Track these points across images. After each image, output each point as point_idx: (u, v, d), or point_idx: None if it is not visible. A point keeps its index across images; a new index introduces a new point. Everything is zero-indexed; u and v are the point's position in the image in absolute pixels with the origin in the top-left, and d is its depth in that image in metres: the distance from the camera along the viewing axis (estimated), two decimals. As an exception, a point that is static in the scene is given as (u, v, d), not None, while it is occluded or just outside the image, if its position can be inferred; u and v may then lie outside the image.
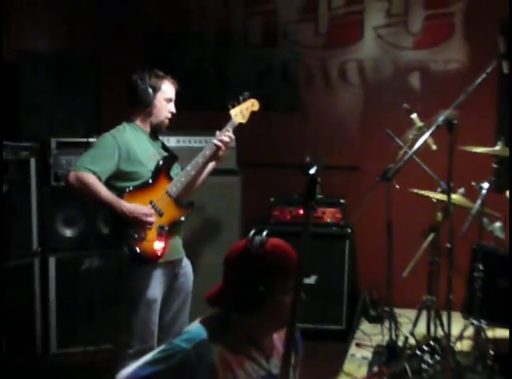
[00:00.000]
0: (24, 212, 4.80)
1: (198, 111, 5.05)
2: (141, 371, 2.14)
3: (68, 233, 4.94)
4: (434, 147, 4.55)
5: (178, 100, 3.93)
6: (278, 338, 2.35)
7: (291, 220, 5.68)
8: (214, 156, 3.94)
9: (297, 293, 1.76)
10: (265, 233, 2.20)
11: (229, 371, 2.16)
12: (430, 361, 2.46)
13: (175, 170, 3.91)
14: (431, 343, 2.49)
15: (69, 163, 4.62)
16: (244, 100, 4.00)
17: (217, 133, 3.94)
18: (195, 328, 2.21)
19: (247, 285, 2.14)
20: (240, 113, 3.98)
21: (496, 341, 4.61)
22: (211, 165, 4.02)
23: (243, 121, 3.99)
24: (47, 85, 5.17)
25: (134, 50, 6.35)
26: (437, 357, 2.47)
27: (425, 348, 2.47)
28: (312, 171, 1.70)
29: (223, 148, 3.90)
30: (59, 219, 4.91)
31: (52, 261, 4.91)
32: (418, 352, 2.47)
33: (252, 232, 2.22)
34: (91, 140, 4.19)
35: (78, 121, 5.24)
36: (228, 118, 3.98)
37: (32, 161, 4.80)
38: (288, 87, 6.47)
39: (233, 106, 3.97)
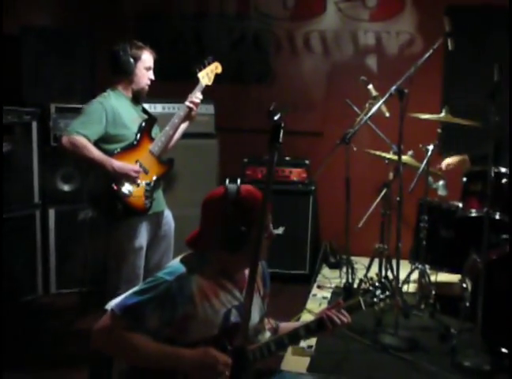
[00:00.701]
0: (27, 169, 4.82)
1: (181, 81, 5.05)
2: (128, 300, 2.19)
3: (65, 188, 4.96)
4: (387, 114, 4.64)
5: (163, 71, 3.95)
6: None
7: (262, 178, 5.72)
8: (188, 117, 3.97)
9: (261, 228, 1.80)
10: (238, 181, 2.28)
11: (206, 300, 2.24)
12: (381, 296, 2.54)
13: (155, 130, 3.93)
14: (383, 280, 2.57)
15: (67, 125, 4.63)
16: (209, 64, 3.99)
17: (189, 96, 3.95)
18: (176, 264, 2.28)
19: (228, 227, 2.22)
20: (206, 75, 3.97)
21: (438, 284, 4.75)
22: (185, 125, 4.04)
23: (209, 83, 3.98)
24: (47, 57, 5.21)
25: (123, 25, 6.33)
26: (387, 292, 2.55)
27: (377, 285, 2.55)
28: (276, 117, 1.73)
29: (194, 108, 3.93)
30: (58, 176, 4.93)
31: (52, 213, 4.94)
32: (371, 288, 2.55)
33: (227, 181, 2.30)
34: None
35: (75, 89, 5.28)
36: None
37: (34, 124, 4.82)
38: (259, 55, 6.44)
39: (200, 70, 3.96)
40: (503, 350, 3.87)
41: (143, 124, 3.81)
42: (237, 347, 1.59)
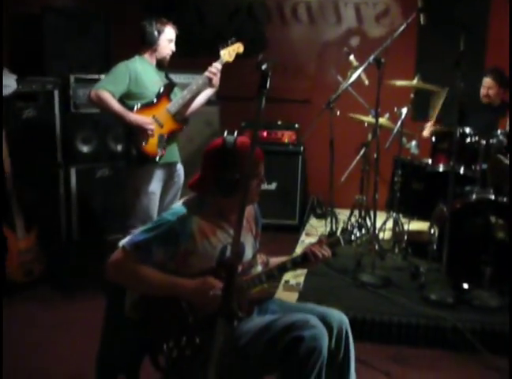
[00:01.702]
0: (50, 133, 4.81)
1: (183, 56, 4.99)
2: (137, 237, 2.23)
3: (85, 149, 4.93)
4: (366, 82, 4.61)
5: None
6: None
7: (259, 141, 5.74)
8: (210, 84, 3.99)
9: (249, 171, 1.82)
10: (235, 133, 2.29)
11: (205, 237, 2.28)
12: (358, 234, 2.56)
13: (175, 94, 4.03)
14: (359, 222, 2.60)
15: (85, 94, 4.60)
16: (232, 43, 3.97)
17: (208, 67, 3.96)
18: (179, 206, 2.32)
19: (223, 173, 2.24)
20: (228, 53, 3.96)
21: (410, 231, 4.78)
22: (209, 90, 4.08)
23: (230, 59, 3.97)
24: (67, 34, 5.17)
25: (136, 5, 6.26)
26: (363, 231, 2.57)
27: (354, 225, 2.58)
28: (264, 67, 1.72)
29: (213, 77, 3.94)
30: (78, 139, 4.88)
31: (73, 171, 4.90)
32: (349, 227, 2.58)
33: (225, 133, 2.31)
34: (102, 76, 4.20)
35: (92, 62, 5.25)
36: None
37: (56, 92, 4.77)
38: (254, 25, 6.37)
39: (223, 48, 3.96)
40: (465, 286, 3.93)
41: (163, 86, 3.97)
42: (226, 262, 1.61)
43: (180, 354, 2.22)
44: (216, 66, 3.95)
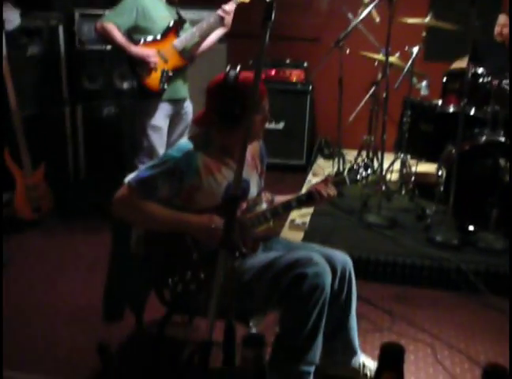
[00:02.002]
0: (56, 70, 4.76)
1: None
2: (142, 174, 2.23)
3: (91, 86, 4.91)
4: (377, 19, 4.53)
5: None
6: (248, 151, 2.42)
7: (266, 79, 5.68)
8: (221, 23, 3.95)
9: (252, 106, 1.80)
10: (238, 68, 2.25)
11: (210, 174, 2.27)
12: (364, 174, 2.56)
13: (187, 31, 3.99)
14: (366, 161, 2.58)
15: (90, 30, 4.54)
16: None
17: (222, 6, 3.92)
18: (184, 143, 2.31)
19: (227, 107, 2.22)
20: None
21: (417, 173, 4.77)
22: (220, 30, 4.04)
23: (246, 0, 3.88)
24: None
25: None
26: (369, 171, 2.56)
27: (360, 164, 2.56)
28: None
29: (225, 16, 3.90)
30: (83, 76, 4.86)
31: (79, 108, 4.90)
32: (355, 166, 2.57)
33: (228, 67, 2.27)
34: (107, 11, 4.12)
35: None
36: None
37: (60, 28, 4.70)
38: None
39: None
40: (470, 228, 3.94)
41: (172, 22, 3.94)
42: (229, 196, 1.61)
43: (185, 288, 2.25)
44: (230, 6, 3.89)
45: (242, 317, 2.29)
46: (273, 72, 5.80)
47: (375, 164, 4.72)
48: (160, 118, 3.97)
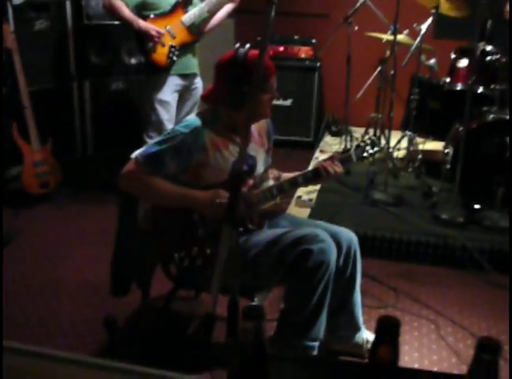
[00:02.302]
0: (63, 45, 4.74)
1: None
2: (150, 149, 2.24)
3: (98, 62, 4.90)
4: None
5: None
6: (255, 128, 2.46)
7: (274, 55, 5.64)
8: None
9: (256, 82, 1.79)
10: (247, 45, 2.25)
11: (217, 150, 2.28)
12: (370, 151, 2.56)
13: (197, 6, 3.95)
14: (372, 138, 2.58)
15: (98, 4, 4.52)
16: None
17: None
18: (192, 118, 2.32)
19: (235, 85, 2.22)
20: None
21: (424, 151, 4.76)
22: (229, 6, 4.05)
23: None
24: None
25: None
26: (375, 148, 2.57)
27: (367, 142, 2.56)
28: None
29: None
30: (91, 51, 4.84)
31: (87, 84, 4.89)
32: (361, 144, 2.57)
33: (237, 45, 2.26)
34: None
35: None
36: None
37: (68, 3, 4.68)
38: None
39: None
40: (476, 206, 3.95)
41: None
42: (233, 175, 1.62)
43: (191, 263, 2.28)
44: None
45: (247, 292, 2.32)
46: (282, 48, 5.75)
47: (382, 142, 4.72)
48: (168, 92, 3.97)
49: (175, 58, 3.89)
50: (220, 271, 1.47)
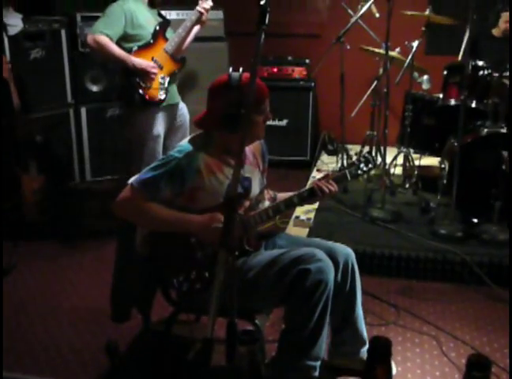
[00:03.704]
0: (59, 73, 4.79)
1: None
2: (144, 175, 2.25)
3: (94, 88, 4.94)
4: (377, 14, 4.55)
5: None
6: (249, 150, 2.48)
7: (268, 76, 5.70)
8: (199, 21, 3.94)
9: (250, 105, 1.80)
10: (241, 69, 2.27)
11: (211, 173, 2.29)
12: (364, 168, 2.57)
13: (169, 33, 3.92)
14: (366, 155, 2.60)
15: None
16: None
17: (199, 2, 3.92)
18: (185, 143, 2.33)
19: (228, 109, 2.24)
20: None
21: (420, 166, 4.79)
22: (196, 29, 4.02)
23: None
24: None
25: None
26: (370, 165, 2.58)
27: (361, 159, 2.58)
28: (262, 2, 1.66)
29: (205, 13, 3.91)
30: (87, 78, 4.89)
31: (83, 111, 4.92)
32: (356, 162, 2.58)
33: (230, 69, 2.29)
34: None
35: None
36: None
37: (63, 31, 4.73)
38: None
39: None
40: (474, 220, 3.96)
41: (158, 26, 3.83)
42: (228, 198, 1.63)
43: (190, 287, 2.28)
44: (208, 2, 3.89)
45: (247, 314, 2.33)
46: (275, 69, 5.80)
47: (379, 159, 4.74)
48: (159, 125, 3.88)
49: (166, 90, 3.82)
50: (217, 295, 1.48)
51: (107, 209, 2.51)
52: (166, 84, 3.83)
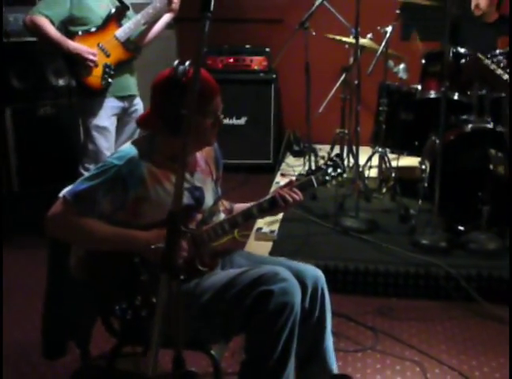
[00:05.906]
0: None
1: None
2: (79, 186, 2.21)
3: (21, 86, 4.87)
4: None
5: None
6: (200, 156, 2.46)
7: (223, 68, 5.68)
8: (169, 8, 3.98)
9: (192, 108, 1.78)
10: (187, 63, 2.25)
11: (157, 183, 2.27)
12: (333, 174, 2.57)
13: (128, 19, 3.98)
14: (334, 159, 2.60)
15: (17, 19, 4.52)
16: None
17: None
18: (127, 148, 2.30)
19: (172, 109, 2.21)
20: None
21: (398, 168, 4.83)
22: (167, 16, 4.08)
23: None
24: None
25: None
26: (338, 170, 2.59)
27: (328, 163, 2.59)
28: None
29: (174, 0, 3.94)
30: (12, 73, 4.82)
31: (8, 112, 4.85)
32: (323, 166, 2.59)
33: (176, 62, 2.27)
34: (37, 2, 4.09)
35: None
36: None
37: (-19, 19, 4.67)
38: None
39: None
40: (459, 228, 4.01)
41: (112, 10, 3.94)
42: (170, 212, 1.62)
43: (135, 315, 2.25)
44: None
45: (202, 345, 2.31)
46: (231, 60, 5.78)
47: (351, 160, 4.78)
48: (106, 117, 3.98)
49: (110, 79, 3.90)
50: (158, 327, 1.46)
51: (38, 222, 2.46)
52: (111, 73, 3.90)
